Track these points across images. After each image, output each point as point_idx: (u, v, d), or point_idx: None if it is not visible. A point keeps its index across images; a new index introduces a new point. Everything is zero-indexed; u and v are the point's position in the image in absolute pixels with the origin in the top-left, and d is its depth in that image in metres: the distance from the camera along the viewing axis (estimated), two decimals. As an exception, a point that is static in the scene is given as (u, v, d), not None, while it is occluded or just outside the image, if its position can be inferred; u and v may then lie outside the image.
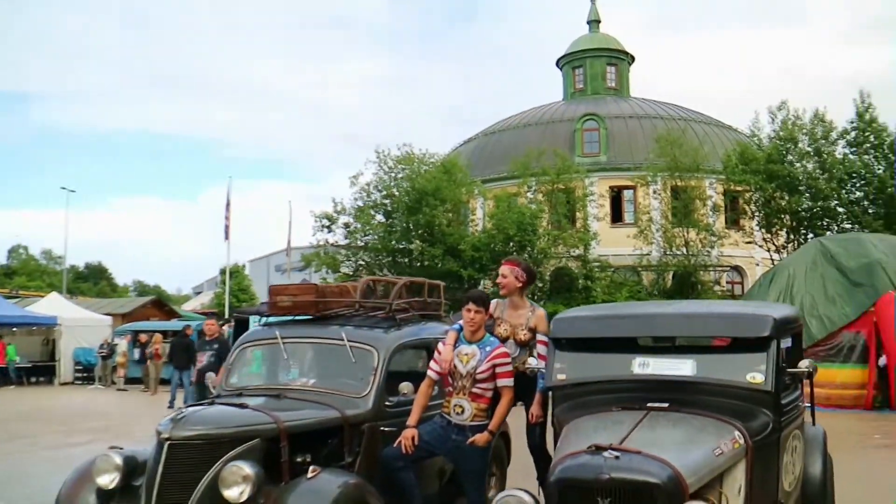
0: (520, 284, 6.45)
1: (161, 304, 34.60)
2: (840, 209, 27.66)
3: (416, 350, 6.73)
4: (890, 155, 27.24)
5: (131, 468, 5.35)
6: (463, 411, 5.83)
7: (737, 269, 34.14)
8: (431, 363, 6.01)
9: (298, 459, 5.40)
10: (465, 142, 40.62)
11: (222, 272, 44.34)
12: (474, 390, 5.80)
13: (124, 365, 25.66)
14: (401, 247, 28.96)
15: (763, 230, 29.03)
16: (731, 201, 31.19)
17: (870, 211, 27.20)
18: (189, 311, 44.20)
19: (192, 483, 4.93)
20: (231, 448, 5.07)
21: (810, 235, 27.48)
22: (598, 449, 3.87)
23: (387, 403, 6.09)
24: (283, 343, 6.45)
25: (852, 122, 27.89)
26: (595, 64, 41.57)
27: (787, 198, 27.58)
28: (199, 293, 69.46)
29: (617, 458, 3.78)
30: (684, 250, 28.70)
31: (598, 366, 5.10)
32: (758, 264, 32.80)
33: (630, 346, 5.11)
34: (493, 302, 6.49)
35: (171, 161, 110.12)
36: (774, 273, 21.59)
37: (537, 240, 27.36)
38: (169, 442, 4.96)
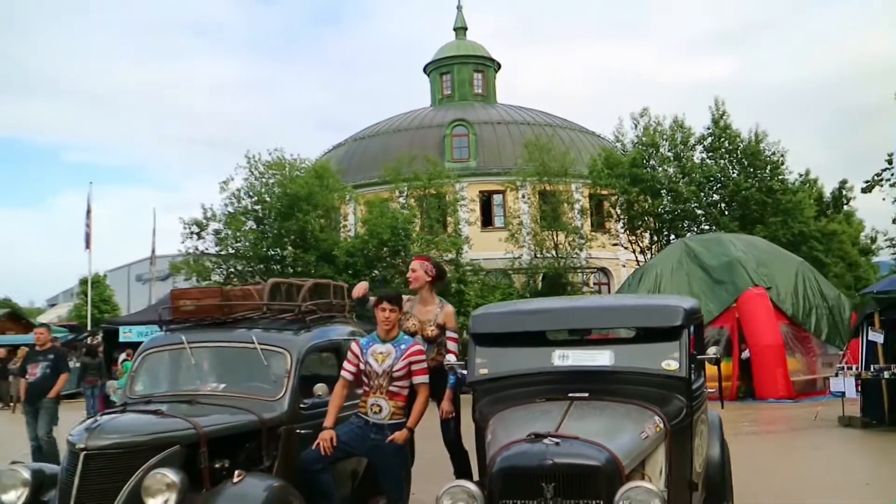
0: (429, 279, 6.56)
1: (17, 318, 32.92)
2: (699, 211, 28.98)
3: (327, 352, 6.68)
4: (743, 160, 28.75)
5: (39, 483, 5.15)
6: (381, 410, 5.85)
7: (603, 270, 35.28)
8: (345, 364, 5.99)
9: (217, 465, 5.30)
10: (335, 147, 40.43)
11: (82, 282, 42.53)
12: (391, 389, 5.83)
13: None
14: (273, 253, 28.55)
15: (627, 232, 30.11)
16: (597, 205, 32.24)
17: (726, 213, 28.59)
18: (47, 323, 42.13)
19: (110, 494, 4.78)
20: (150, 456, 4.94)
21: (672, 237, 28.71)
22: (538, 437, 3.98)
23: (301, 406, 6.03)
24: (190, 348, 6.30)
25: (708, 129, 29.29)
26: (462, 70, 42.14)
27: (649, 201, 28.67)
28: (53, 305, 66.39)
29: (557, 444, 3.90)
30: (553, 253, 29.44)
31: (519, 359, 5.22)
32: (623, 265, 33.99)
33: (549, 339, 5.24)
34: (403, 297, 6.58)
35: (10, 166, 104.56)
36: (643, 273, 22.48)
37: (411, 244, 27.49)
38: (85, 452, 4.79)
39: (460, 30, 43.73)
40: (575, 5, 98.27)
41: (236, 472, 5.06)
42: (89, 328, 31.33)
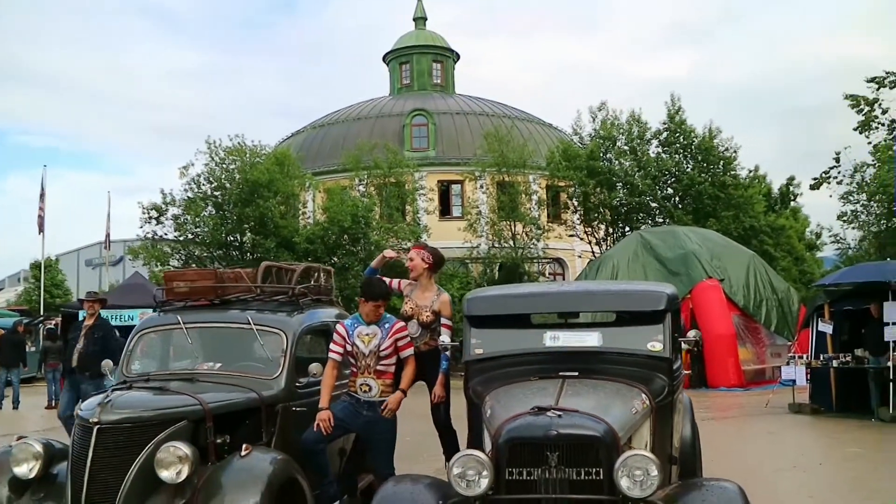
0: (426, 266, 6.80)
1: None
2: (654, 204, 29.57)
3: (319, 333, 6.90)
4: (697, 155, 29.40)
5: (50, 457, 5.31)
6: (370, 389, 6.10)
7: (559, 261, 35.75)
8: (332, 345, 6.18)
9: (219, 441, 5.51)
10: (294, 134, 40.35)
11: (34, 266, 41.92)
12: (379, 368, 6.08)
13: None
14: (232, 239, 28.54)
15: (583, 224, 30.59)
16: (554, 197, 32.66)
17: (680, 206, 29.22)
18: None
19: (123, 467, 4.96)
20: (160, 430, 5.13)
21: (627, 229, 29.27)
22: (541, 410, 4.27)
23: (297, 384, 6.27)
24: (186, 328, 6.48)
25: (664, 124, 29.86)
26: (422, 60, 42.28)
27: (605, 193, 29.15)
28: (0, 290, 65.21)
29: (559, 416, 4.19)
30: (511, 243, 29.81)
31: (512, 340, 5.51)
32: (579, 256, 34.54)
33: (540, 321, 5.54)
34: (405, 282, 6.83)
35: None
36: (600, 263, 22.94)
37: (371, 232, 27.66)
38: (98, 426, 4.96)
39: (420, 20, 43.84)
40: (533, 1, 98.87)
41: (244, 446, 5.28)
42: (42, 312, 30.98)
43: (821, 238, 41.56)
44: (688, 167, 29.26)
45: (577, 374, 5.11)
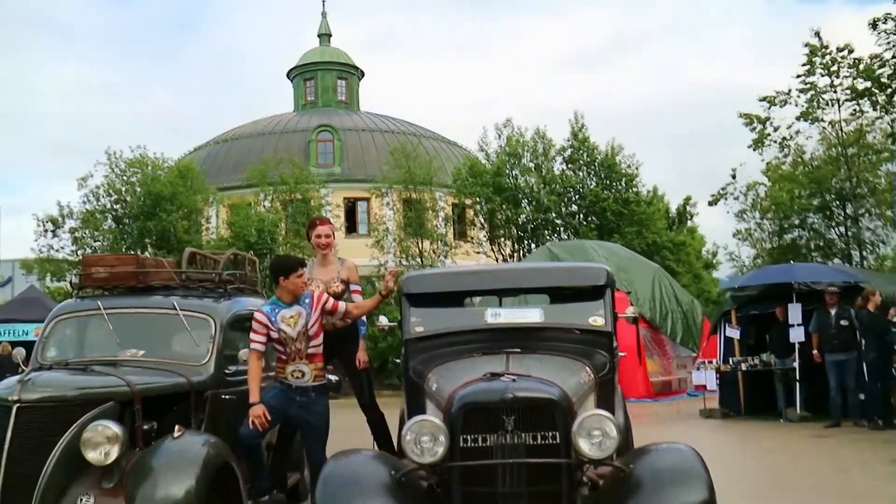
0: (334, 240, 6.78)
1: None
2: (559, 221, 29.96)
3: (247, 321, 6.69)
4: (601, 172, 29.98)
5: None
6: (303, 375, 5.92)
7: (465, 277, 35.80)
8: (254, 336, 5.92)
9: (146, 427, 5.26)
10: (197, 149, 39.43)
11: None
12: (310, 351, 5.91)
13: None
14: (133, 253, 27.66)
15: (490, 241, 30.79)
16: (460, 214, 32.80)
17: (584, 223, 29.69)
18: None
19: (45, 448, 4.70)
20: (85, 411, 4.88)
21: (533, 245, 29.55)
22: (494, 375, 4.20)
23: (226, 372, 6.06)
24: (107, 314, 6.19)
25: (568, 141, 30.35)
26: (326, 77, 42.02)
27: (512, 210, 29.42)
28: None
29: (514, 380, 4.13)
30: (419, 260, 29.75)
31: (453, 318, 5.43)
32: (485, 273, 34.64)
33: (480, 298, 5.47)
34: None
35: None
36: (509, 276, 23.04)
37: (277, 248, 27.22)
38: (18, 405, 4.68)
39: (324, 36, 43.61)
40: (439, 21, 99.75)
41: (176, 427, 5.05)
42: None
43: (717, 257, 42.83)
44: (591, 184, 29.75)
45: (519, 350, 5.05)
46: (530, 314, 5.33)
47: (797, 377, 13.14)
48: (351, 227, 34.50)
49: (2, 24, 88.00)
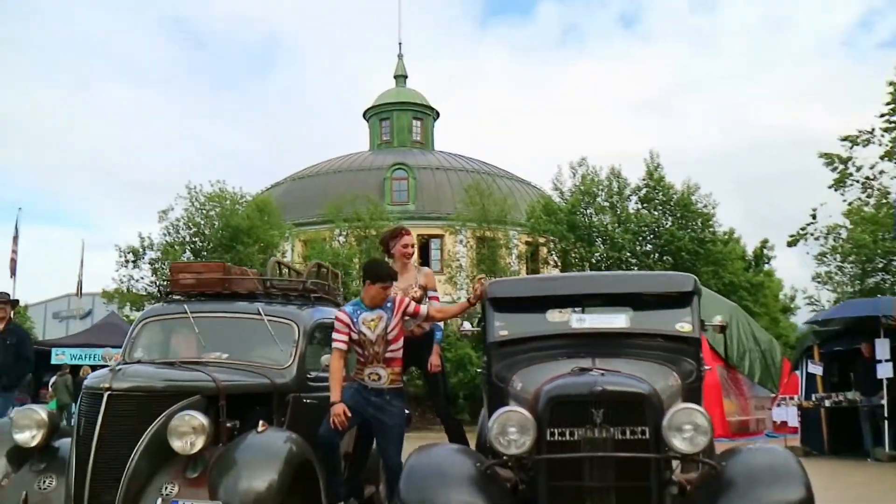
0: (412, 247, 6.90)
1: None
2: (633, 259, 29.63)
3: (329, 329, 6.74)
4: (676, 211, 29.62)
5: (54, 426, 5.10)
6: (379, 378, 5.91)
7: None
8: (336, 335, 5.94)
9: (228, 424, 5.30)
10: (274, 185, 40.19)
11: (1, 314, 41.00)
12: (388, 355, 5.90)
13: None
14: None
15: (563, 279, 30.55)
16: (534, 252, 32.70)
17: (659, 262, 29.30)
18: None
19: (133, 436, 4.77)
20: (172, 402, 4.94)
21: (607, 284, 29.20)
22: (583, 370, 4.15)
23: (308, 377, 6.10)
24: (193, 317, 6.29)
25: (643, 180, 30.10)
26: (401, 117, 42.59)
27: (585, 248, 29.23)
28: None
29: (603, 374, 4.07)
30: (491, 296, 29.64)
31: (537, 323, 5.37)
32: (558, 311, 34.38)
33: (566, 304, 5.39)
34: None
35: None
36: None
37: (351, 282, 27.45)
38: (109, 392, 4.76)
39: (400, 77, 44.28)
40: (512, 64, 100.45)
41: (260, 423, 5.09)
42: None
43: (794, 301, 41.82)
44: (667, 223, 29.41)
45: (605, 355, 4.98)
46: (616, 319, 5.25)
47: (885, 415, 12.66)
48: (424, 264, 34.56)
49: (87, 69, 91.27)
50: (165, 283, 6.82)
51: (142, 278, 27.90)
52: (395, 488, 4.38)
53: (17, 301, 9.65)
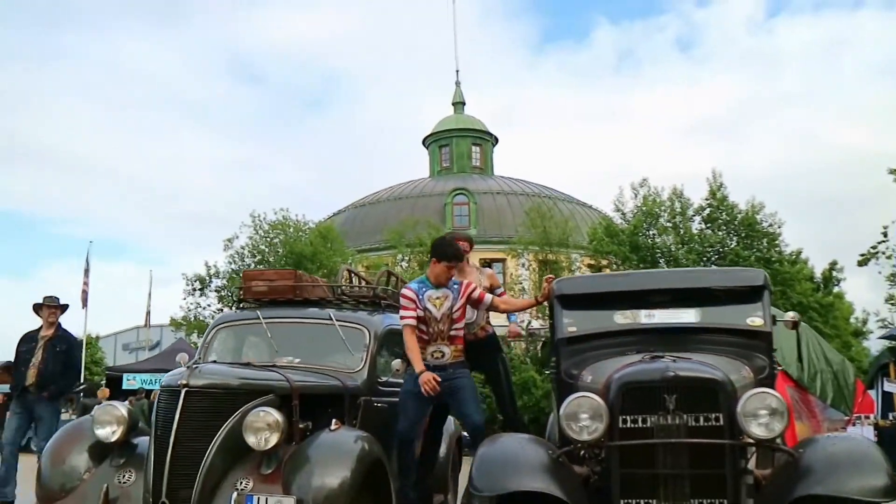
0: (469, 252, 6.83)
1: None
2: (698, 280, 29.22)
3: (398, 335, 6.82)
4: (741, 230, 29.19)
5: (133, 422, 5.22)
6: (442, 356, 5.94)
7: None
8: (403, 312, 5.99)
9: (301, 425, 5.37)
10: (336, 213, 40.72)
11: (75, 344, 42.02)
12: (452, 333, 5.95)
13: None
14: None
15: (626, 301, 30.26)
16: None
17: (724, 282, 28.85)
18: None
19: (208, 432, 4.85)
20: (247, 400, 5.02)
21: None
22: (655, 357, 4.14)
23: (378, 381, 6.17)
24: (266, 323, 6.42)
25: (707, 200, 29.73)
26: (461, 143, 42.86)
27: (648, 269, 28.94)
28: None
29: (675, 361, 4.05)
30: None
31: (606, 319, 5.35)
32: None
33: (634, 300, 5.37)
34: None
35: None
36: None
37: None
38: (186, 389, 4.87)
39: (458, 104, 44.59)
40: (568, 90, 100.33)
41: (333, 421, 5.16)
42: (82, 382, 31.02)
43: (867, 325, 40.71)
44: (731, 243, 28.98)
45: (676, 349, 4.95)
46: (685, 314, 5.21)
47: (967, 432, 12.27)
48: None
49: (151, 108, 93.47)
50: (238, 290, 6.95)
51: (208, 306, 28.41)
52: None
53: (68, 306, 9.03)
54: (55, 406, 8.60)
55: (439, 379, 5.75)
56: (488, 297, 6.15)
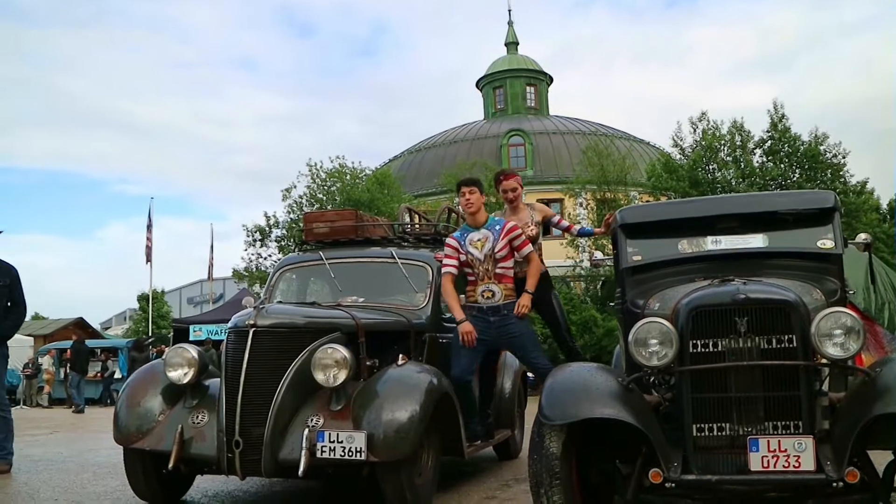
0: (521, 190, 6.80)
1: (84, 326, 33.49)
2: (760, 213, 28.68)
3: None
4: (804, 162, 28.50)
5: (204, 364, 5.31)
6: (493, 295, 5.93)
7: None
8: (446, 260, 6.04)
9: (368, 362, 5.41)
10: (392, 159, 40.80)
11: (140, 299, 43.11)
12: (498, 271, 5.94)
13: (51, 382, 25.00)
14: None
15: (687, 237, 29.89)
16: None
17: (788, 215, 28.28)
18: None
19: (278, 370, 4.91)
20: (314, 339, 5.07)
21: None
22: (724, 280, 4.06)
23: (443, 317, 6.19)
24: (329, 264, 6.47)
25: (768, 132, 29.06)
26: (515, 84, 42.46)
27: (711, 197, 28.46)
28: (107, 328, 67.34)
29: (745, 283, 3.97)
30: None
31: (671, 247, 5.25)
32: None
33: (699, 227, 5.26)
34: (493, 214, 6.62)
35: (64, 198, 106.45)
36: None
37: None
38: (254, 329, 4.93)
39: (511, 45, 44.05)
40: (618, 30, 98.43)
41: (400, 357, 5.20)
42: (150, 334, 31.87)
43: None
44: (794, 175, 28.34)
45: (745, 274, 4.85)
46: (753, 239, 5.09)
47: None
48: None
49: (206, 66, 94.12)
50: (300, 232, 7.00)
51: (269, 256, 28.77)
52: None
53: (1, 231, 7.92)
54: (2, 352, 7.32)
55: (475, 335, 5.80)
56: (527, 249, 6.07)
